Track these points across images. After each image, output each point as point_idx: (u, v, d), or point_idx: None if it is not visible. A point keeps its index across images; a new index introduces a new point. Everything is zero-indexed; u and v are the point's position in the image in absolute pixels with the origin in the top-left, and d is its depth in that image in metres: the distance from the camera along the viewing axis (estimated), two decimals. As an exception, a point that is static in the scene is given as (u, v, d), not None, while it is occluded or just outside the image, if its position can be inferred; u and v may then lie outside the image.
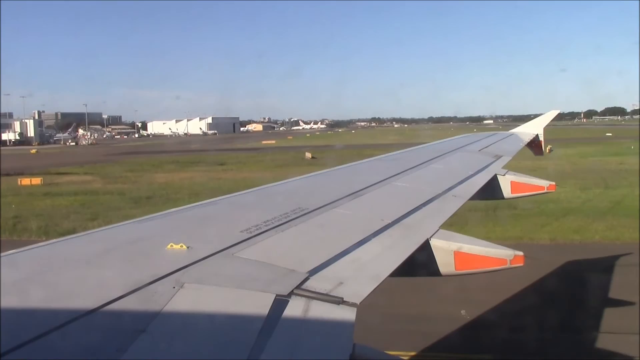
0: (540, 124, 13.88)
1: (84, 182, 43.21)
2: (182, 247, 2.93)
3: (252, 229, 3.42)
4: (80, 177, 47.49)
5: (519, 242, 18.85)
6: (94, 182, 43.71)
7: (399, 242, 3.66)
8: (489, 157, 8.63)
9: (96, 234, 3.45)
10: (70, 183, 42.90)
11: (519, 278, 14.28)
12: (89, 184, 42.38)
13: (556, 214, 24.04)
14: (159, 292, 2.36)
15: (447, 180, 6.01)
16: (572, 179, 32.97)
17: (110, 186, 39.95)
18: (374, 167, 7.71)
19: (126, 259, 2.88)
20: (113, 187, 39.01)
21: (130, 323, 2.12)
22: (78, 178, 46.93)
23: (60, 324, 2.02)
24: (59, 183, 42.94)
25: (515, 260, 3.82)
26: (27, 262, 2.83)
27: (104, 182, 43.02)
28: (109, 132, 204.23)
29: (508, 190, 7.16)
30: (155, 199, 31.75)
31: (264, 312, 2.28)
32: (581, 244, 19.71)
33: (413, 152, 9.62)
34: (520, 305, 13.47)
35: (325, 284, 2.68)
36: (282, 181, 5.87)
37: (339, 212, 4.23)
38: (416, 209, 4.53)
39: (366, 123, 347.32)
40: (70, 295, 2.35)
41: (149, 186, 39.35)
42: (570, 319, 13.00)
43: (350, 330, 2.32)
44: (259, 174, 41.88)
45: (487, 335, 11.84)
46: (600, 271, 16.50)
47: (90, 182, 43.31)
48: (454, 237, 3.95)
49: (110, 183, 42.31)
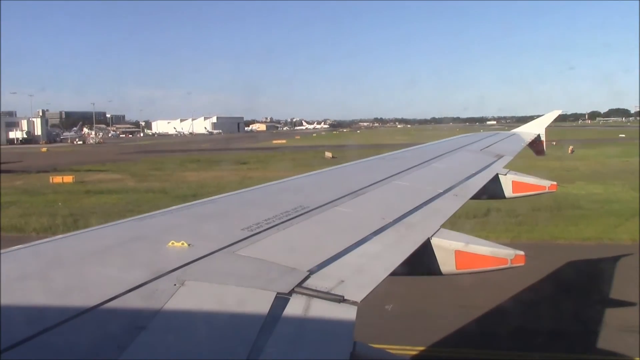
0: (541, 124, 13.88)
1: (115, 181, 43.00)
2: (184, 245, 2.93)
3: (253, 227, 3.42)
4: (108, 176, 47.23)
5: (599, 242, 18.98)
6: (125, 180, 43.48)
7: (400, 241, 3.65)
8: (490, 157, 8.61)
9: (98, 231, 3.44)
10: (101, 181, 42.74)
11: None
12: (120, 182, 42.17)
13: (625, 214, 23.61)
14: (160, 289, 2.36)
15: (449, 180, 5.99)
16: (615, 180, 32.97)
17: (145, 184, 39.72)
18: (375, 166, 7.68)
19: (127, 256, 2.87)
20: (148, 185, 38.79)
21: (131, 320, 2.11)
22: (106, 176, 46.73)
23: (62, 321, 2.02)
24: (90, 181, 42.79)
25: (516, 260, 3.80)
26: (27, 259, 2.83)
27: (135, 181, 42.68)
28: (113, 131, 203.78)
29: (509, 190, 7.15)
30: (201, 197, 31.30)
31: (265, 310, 2.28)
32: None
33: (414, 151, 9.57)
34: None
35: (326, 282, 2.68)
36: (283, 179, 5.87)
37: (340, 210, 4.22)
38: (417, 208, 4.52)
39: (369, 123, 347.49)
40: (71, 292, 2.34)
41: (186, 185, 39.09)
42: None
43: (350, 329, 2.32)
44: (286, 173, 41.43)
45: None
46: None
47: (122, 181, 43.10)
48: (455, 236, 3.93)
49: (142, 181, 42.01)
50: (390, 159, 8.22)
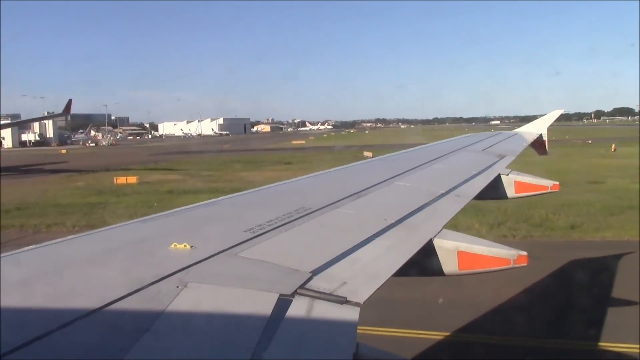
0: (543, 124, 13.93)
1: (177, 181, 41.19)
2: (186, 247, 2.95)
3: (256, 229, 3.44)
4: (166, 177, 46.17)
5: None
6: (187, 180, 41.65)
7: (402, 241, 3.66)
8: (492, 157, 8.63)
9: (100, 234, 3.46)
10: (165, 182, 41.38)
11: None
12: (184, 182, 40.25)
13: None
14: (162, 291, 2.38)
15: (451, 180, 6.01)
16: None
17: (213, 185, 38.72)
18: (377, 166, 7.72)
19: (130, 258, 2.89)
20: (218, 186, 37.99)
21: (133, 322, 2.13)
22: (165, 177, 45.72)
23: (64, 324, 2.03)
24: (153, 182, 41.88)
25: (518, 260, 3.81)
26: (30, 261, 2.84)
27: (198, 181, 41.01)
28: (120, 133, 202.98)
29: (512, 190, 7.18)
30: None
31: (267, 312, 2.29)
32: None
33: (416, 151, 9.60)
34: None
35: (329, 283, 2.69)
36: (285, 181, 5.95)
37: (342, 211, 4.24)
38: (419, 209, 4.54)
39: (372, 124, 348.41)
40: (73, 294, 2.35)
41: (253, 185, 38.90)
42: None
43: (353, 330, 2.33)
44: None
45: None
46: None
47: (184, 181, 41.07)
48: (458, 236, 3.95)
49: (207, 182, 40.35)
50: (392, 160, 8.25)
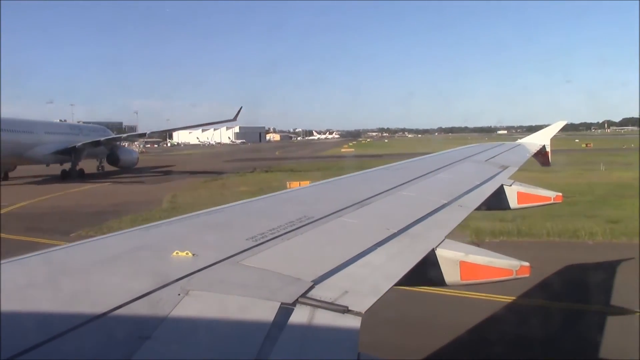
0: (547, 135, 13.80)
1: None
2: (188, 255, 2.95)
3: (258, 237, 3.43)
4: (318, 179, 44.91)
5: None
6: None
7: (404, 251, 3.66)
8: (495, 168, 8.62)
9: (102, 241, 3.46)
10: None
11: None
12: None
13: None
14: (164, 299, 2.37)
15: (454, 190, 6.05)
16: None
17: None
18: (380, 176, 7.76)
19: (131, 265, 2.89)
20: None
21: (135, 330, 2.13)
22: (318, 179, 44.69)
23: (65, 330, 2.03)
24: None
25: (521, 271, 3.78)
26: (31, 267, 2.85)
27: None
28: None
29: (514, 201, 7.16)
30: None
31: (269, 320, 2.29)
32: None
33: (419, 161, 9.69)
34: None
35: (330, 292, 2.68)
36: (288, 190, 6.07)
37: (345, 220, 4.24)
38: (422, 219, 4.55)
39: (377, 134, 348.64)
40: (74, 301, 2.35)
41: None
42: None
43: (355, 339, 2.32)
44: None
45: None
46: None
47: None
48: (460, 247, 3.94)
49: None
50: (396, 169, 8.27)
